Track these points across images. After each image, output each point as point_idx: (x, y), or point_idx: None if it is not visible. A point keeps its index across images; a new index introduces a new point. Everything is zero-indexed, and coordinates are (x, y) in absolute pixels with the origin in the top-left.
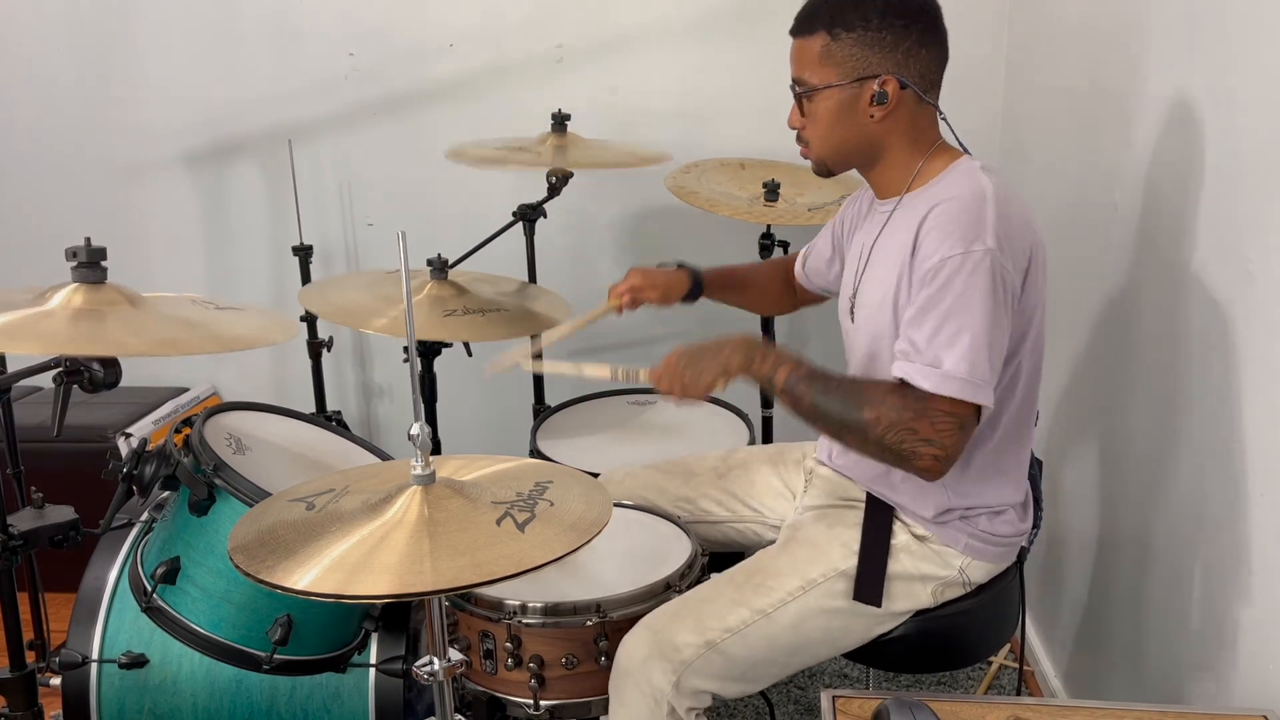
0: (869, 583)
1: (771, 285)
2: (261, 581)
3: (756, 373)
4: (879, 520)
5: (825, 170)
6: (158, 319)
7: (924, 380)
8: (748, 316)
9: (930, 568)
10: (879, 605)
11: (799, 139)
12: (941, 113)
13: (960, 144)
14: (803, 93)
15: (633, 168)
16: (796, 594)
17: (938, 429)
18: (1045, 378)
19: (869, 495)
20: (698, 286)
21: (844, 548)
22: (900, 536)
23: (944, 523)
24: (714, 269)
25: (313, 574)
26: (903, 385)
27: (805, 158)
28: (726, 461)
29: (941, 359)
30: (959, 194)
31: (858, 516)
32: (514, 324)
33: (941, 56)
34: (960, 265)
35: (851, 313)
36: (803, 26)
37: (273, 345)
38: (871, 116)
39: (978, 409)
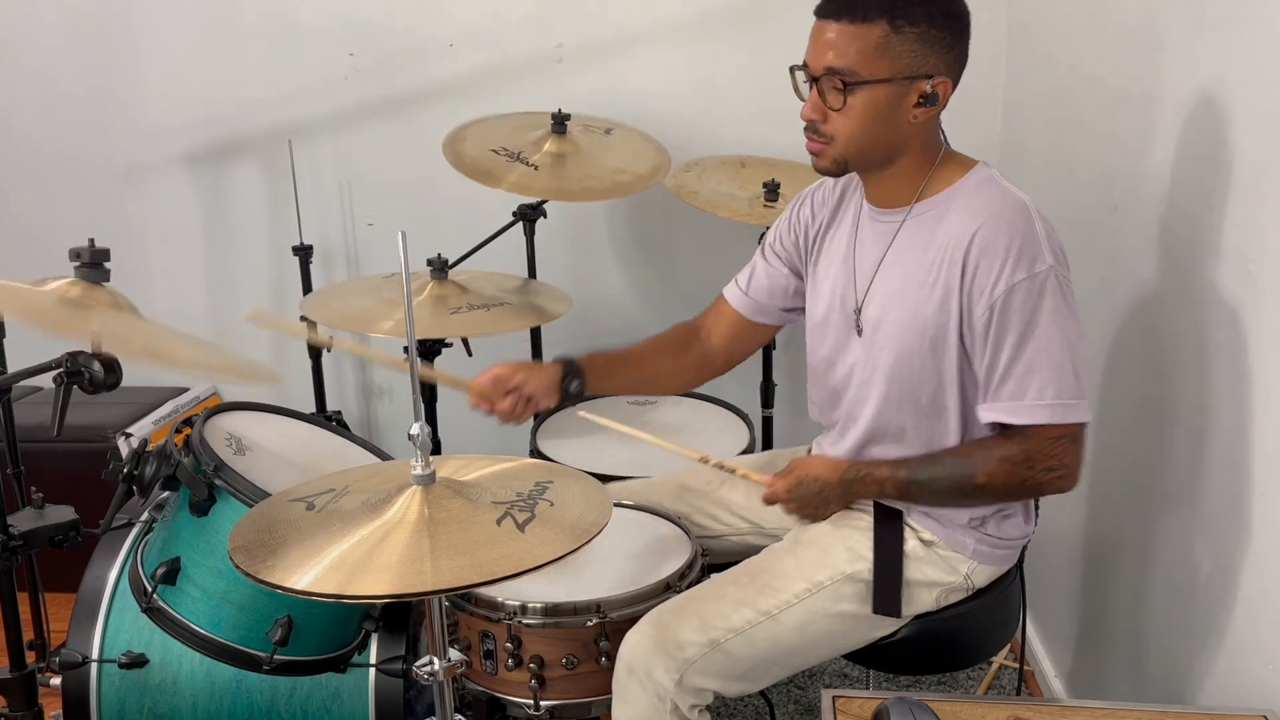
0: (887, 595)
1: (668, 356)
2: (261, 581)
3: (866, 497)
4: (890, 528)
5: (841, 169)
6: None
7: (1013, 417)
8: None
9: (937, 574)
10: (899, 615)
11: (814, 131)
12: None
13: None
14: (846, 85)
15: (630, 191)
16: (803, 596)
17: (1051, 452)
18: None
19: (876, 503)
20: (573, 375)
21: (850, 551)
22: (909, 543)
23: (953, 526)
24: (593, 354)
25: (313, 574)
26: (999, 429)
27: (814, 153)
28: (721, 475)
29: (1025, 390)
30: (1000, 210)
31: (864, 519)
32: (518, 317)
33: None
34: (1029, 290)
35: (858, 327)
36: (856, 11)
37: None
38: (914, 118)
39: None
